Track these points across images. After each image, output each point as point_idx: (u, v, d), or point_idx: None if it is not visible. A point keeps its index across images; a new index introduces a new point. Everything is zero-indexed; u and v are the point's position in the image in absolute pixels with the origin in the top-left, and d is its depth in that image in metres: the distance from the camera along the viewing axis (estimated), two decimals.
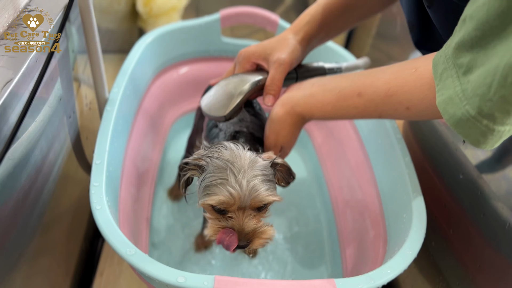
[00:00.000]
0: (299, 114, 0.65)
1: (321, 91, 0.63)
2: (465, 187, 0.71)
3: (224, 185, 0.55)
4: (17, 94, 0.52)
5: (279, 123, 0.66)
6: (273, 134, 0.67)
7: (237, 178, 0.55)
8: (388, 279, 0.55)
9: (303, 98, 0.64)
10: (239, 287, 0.50)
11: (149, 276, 0.52)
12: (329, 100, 0.62)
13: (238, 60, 0.74)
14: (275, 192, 0.59)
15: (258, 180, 0.56)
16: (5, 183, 0.52)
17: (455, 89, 0.47)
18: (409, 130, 0.95)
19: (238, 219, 0.57)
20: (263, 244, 0.59)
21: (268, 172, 0.59)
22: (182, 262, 0.90)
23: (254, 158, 0.58)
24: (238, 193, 0.55)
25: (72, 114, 0.76)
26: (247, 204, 0.56)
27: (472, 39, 0.45)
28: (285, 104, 0.66)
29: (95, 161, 0.66)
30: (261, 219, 0.59)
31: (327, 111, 0.62)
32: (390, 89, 0.56)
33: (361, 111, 0.60)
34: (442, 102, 0.49)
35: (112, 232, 0.56)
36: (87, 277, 0.90)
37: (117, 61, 1.17)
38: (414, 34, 0.68)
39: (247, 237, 0.57)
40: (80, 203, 0.86)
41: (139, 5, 1.35)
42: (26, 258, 0.61)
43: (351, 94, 0.59)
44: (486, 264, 0.65)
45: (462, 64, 0.47)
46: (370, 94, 0.58)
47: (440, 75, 0.49)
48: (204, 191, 0.57)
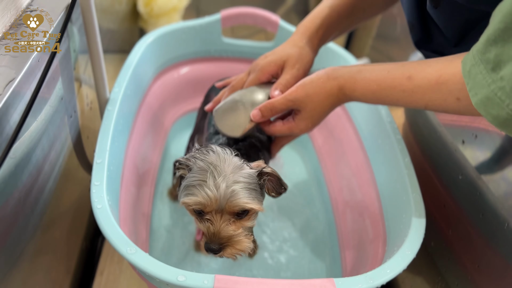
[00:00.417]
0: (341, 86, 0.62)
1: (369, 69, 0.61)
2: (464, 187, 0.71)
3: (202, 186, 0.55)
4: (19, 93, 0.53)
5: (316, 86, 0.63)
6: (303, 95, 0.64)
7: (216, 181, 0.55)
8: (387, 279, 0.55)
9: (349, 72, 0.62)
10: (239, 286, 0.50)
11: (150, 274, 0.52)
12: (376, 79, 0.59)
13: (253, 69, 0.72)
14: (257, 201, 0.58)
15: (239, 186, 0.56)
16: (7, 181, 0.52)
17: (490, 87, 0.45)
18: (409, 131, 0.95)
19: (214, 222, 0.56)
20: (234, 255, 0.58)
21: (252, 180, 0.58)
22: (182, 262, 0.90)
23: (240, 165, 0.58)
24: (215, 195, 0.55)
25: (73, 113, 0.76)
26: (224, 207, 0.56)
27: (495, 32, 0.43)
28: (330, 71, 0.63)
29: (96, 160, 0.66)
30: (242, 227, 0.58)
31: (371, 90, 0.60)
32: (441, 76, 0.53)
33: (407, 96, 0.57)
34: (480, 103, 0.47)
35: (113, 231, 0.56)
36: (87, 276, 0.90)
37: (117, 61, 1.17)
38: (414, 34, 0.68)
39: (220, 241, 0.56)
40: (80, 202, 0.86)
41: (140, 5, 1.35)
42: (27, 256, 0.62)
43: (401, 76, 0.57)
44: (485, 264, 0.65)
45: (489, 59, 0.45)
46: (421, 79, 0.55)
47: (469, 73, 0.48)
48: (184, 190, 0.58)
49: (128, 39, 1.38)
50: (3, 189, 0.52)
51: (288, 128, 0.68)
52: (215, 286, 0.50)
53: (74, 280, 0.84)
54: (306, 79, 0.64)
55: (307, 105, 0.64)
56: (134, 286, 0.86)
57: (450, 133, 0.77)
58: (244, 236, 0.58)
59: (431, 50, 0.65)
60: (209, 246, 0.57)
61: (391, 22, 1.25)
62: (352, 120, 0.96)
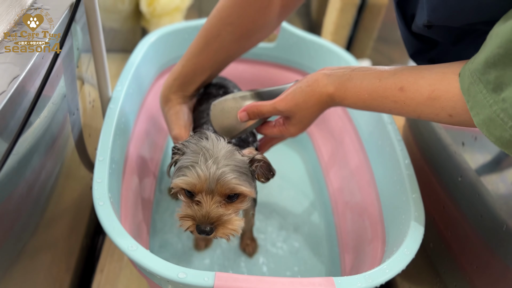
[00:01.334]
0: (330, 94, 0.61)
1: (360, 76, 0.59)
2: (463, 189, 0.72)
3: (194, 167, 0.56)
4: (23, 90, 0.53)
5: (306, 95, 0.62)
6: (292, 105, 0.63)
7: (207, 162, 0.56)
8: (386, 279, 0.55)
9: (340, 78, 0.60)
10: (239, 283, 0.51)
11: (151, 271, 0.52)
12: (367, 88, 0.57)
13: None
14: (248, 184, 0.58)
15: (229, 168, 0.57)
16: (11, 177, 0.53)
17: (492, 108, 0.45)
18: (409, 132, 0.96)
19: (204, 203, 0.57)
20: (227, 234, 0.59)
21: (243, 165, 0.59)
22: (183, 260, 0.90)
23: (232, 150, 0.59)
24: (205, 175, 0.56)
25: (75, 111, 0.77)
26: (214, 188, 0.57)
27: (495, 56, 0.43)
28: (320, 77, 0.62)
29: (98, 158, 0.67)
30: (232, 209, 0.59)
31: (362, 98, 0.58)
32: (434, 91, 0.51)
33: (399, 107, 0.56)
34: (482, 124, 0.47)
35: (115, 227, 0.57)
36: (87, 273, 0.91)
37: (119, 60, 1.18)
38: (409, 48, 0.67)
39: (211, 221, 0.57)
40: (81, 200, 0.87)
41: (142, 5, 1.36)
42: (29, 253, 0.62)
43: (393, 87, 0.55)
44: (483, 265, 0.66)
45: (488, 80, 0.45)
46: (413, 92, 0.53)
47: (468, 90, 0.47)
48: (176, 172, 0.59)
49: (130, 39, 1.39)
50: (6, 184, 0.52)
51: (279, 131, 0.68)
52: (215, 283, 0.50)
53: (74, 277, 0.84)
54: (296, 87, 0.63)
55: (296, 113, 0.64)
56: (134, 283, 0.87)
57: (450, 135, 0.78)
58: (235, 215, 0.59)
59: (427, 60, 0.64)
60: (200, 228, 0.57)
61: (392, 24, 1.25)
62: (353, 121, 0.97)
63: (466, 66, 0.48)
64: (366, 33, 1.48)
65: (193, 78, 0.76)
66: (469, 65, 0.48)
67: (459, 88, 0.49)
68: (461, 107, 0.50)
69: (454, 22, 0.50)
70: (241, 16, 0.69)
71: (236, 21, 0.70)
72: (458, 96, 0.49)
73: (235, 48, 0.74)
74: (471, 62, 0.48)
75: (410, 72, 0.55)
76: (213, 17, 0.72)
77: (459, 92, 0.49)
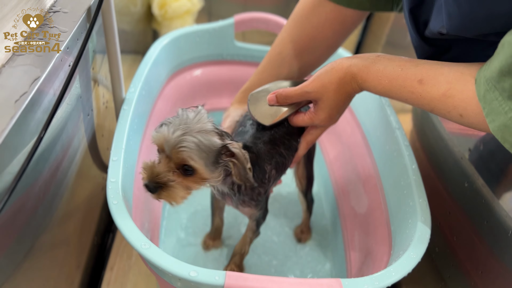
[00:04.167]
0: (354, 74, 0.63)
1: (384, 63, 0.61)
2: (469, 195, 0.72)
3: (166, 125, 0.59)
4: (43, 91, 0.55)
5: (331, 75, 0.65)
6: (319, 86, 0.66)
7: (177, 126, 0.58)
8: (392, 281, 0.56)
9: (363, 62, 0.63)
10: (249, 283, 0.52)
11: (162, 269, 0.53)
12: (388, 74, 0.60)
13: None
14: (204, 164, 0.59)
15: (192, 140, 0.58)
16: (29, 174, 0.54)
17: (508, 115, 0.46)
18: (416, 138, 0.96)
19: (161, 164, 0.59)
20: (167, 199, 0.60)
21: (210, 146, 0.59)
22: (190, 259, 0.92)
23: (209, 130, 0.60)
24: (166, 136, 0.58)
25: (90, 112, 0.79)
26: (171, 153, 0.58)
27: (509, 66, 0.44)
28: (344, 60, 0.65)
29: (112, 158, 0.68)
30: (183, 185, 0.60)
31: (382, 84, 0.61)
32: (449, 89, 0.53)
33: (415, 98, 0.58)
34: (498, 130, 0.48)
35: (128, 225, 0.58)
36: (97, 271, 0.92)
37: (130, 61, 1.19)
38: (420, 55, 0.69)
39: (157, 181, 0.59)
40: (92, 199, 0.88)
41: (154, 7, 1.38)
42: (43, 249, 0.64)
43: (412, 78, 0.57)
44: (488, 271, 0.66)
45: (504, 88, 0.46)
46: (430, 86, 0.55)
47: (484, 97, 0.49)
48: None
49: (142, 41, 1.41)
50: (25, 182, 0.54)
51: (309, 119, 0.70)
52: (226, 282, 0.51)
53: (85, 274, 0.86)
54: (322, 70, 0.66)
55: (323, 95, 0.66)
56: (142, 282, 0.88)
57: (457, 141, 0.79)
58: (182, 188, 0.60)
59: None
60: (146, 183, 0.60)
61: (401, 29, 1.26)
62: (361, 125, 0.98)
63: (481, 73, 0.49)
64: (374, 38, 1.49)
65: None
66: (484, 72, 0.49)
67: (473, 90, 0.51)
68: (472, 110, 0.51)
69: (468, 32, 0.52)
70: (300, 33, 0.76)
71: (296, 38, 0.77)
72: (471, 98, 0.51)
73: (296, 64, 0.79)
74: (486, 69, 0.49)
75: (431, 66, 0.57)
76: (277, 39, 0.80)
77: (472, 95, 0.51)
